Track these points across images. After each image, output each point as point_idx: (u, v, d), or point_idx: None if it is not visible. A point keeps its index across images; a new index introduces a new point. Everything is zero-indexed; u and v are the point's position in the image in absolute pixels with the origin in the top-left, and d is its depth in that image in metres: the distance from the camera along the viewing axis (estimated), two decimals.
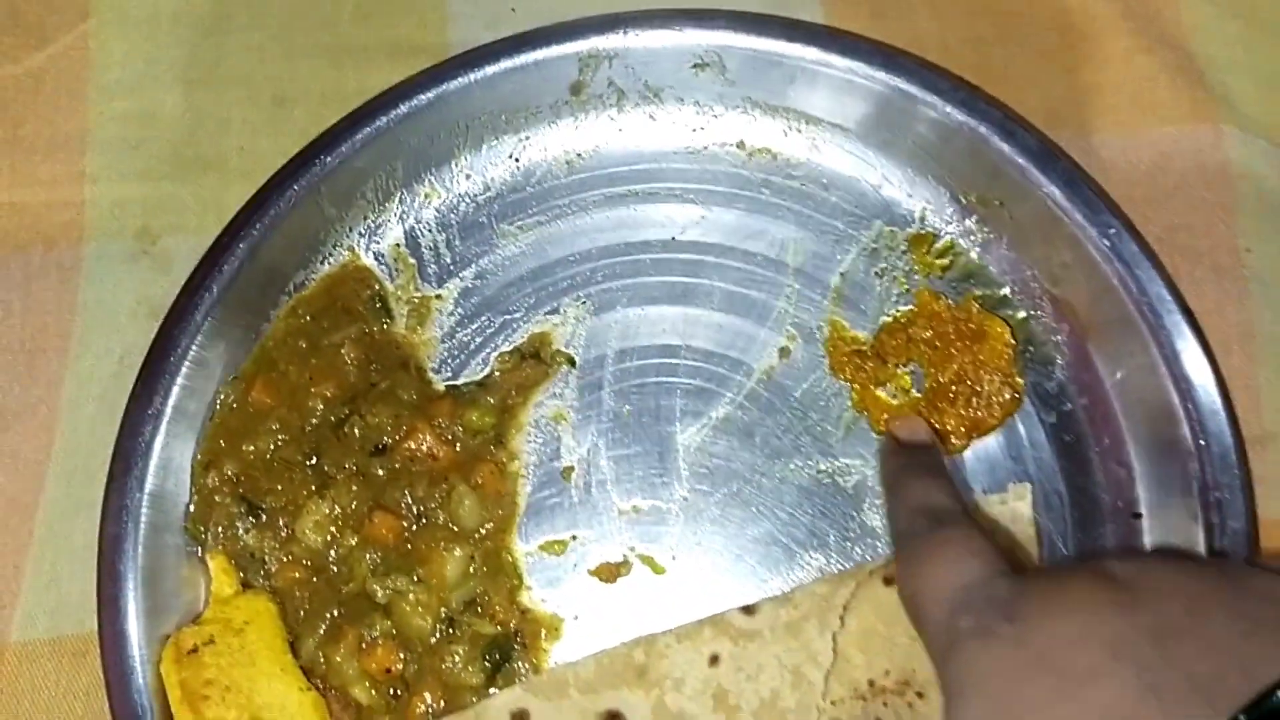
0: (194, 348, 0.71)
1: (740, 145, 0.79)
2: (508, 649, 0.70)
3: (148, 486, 0.69)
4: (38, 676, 0.71)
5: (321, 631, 0.69)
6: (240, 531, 0.71)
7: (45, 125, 0.82)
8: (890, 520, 0.67)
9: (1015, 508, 0.70)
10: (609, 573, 0.72)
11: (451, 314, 0.77)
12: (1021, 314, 0.75)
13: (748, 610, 0.69)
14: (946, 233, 0.77)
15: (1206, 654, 0.48)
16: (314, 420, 0.73)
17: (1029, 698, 0.50)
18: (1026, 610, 0.53)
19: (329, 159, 0.74)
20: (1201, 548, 0.67)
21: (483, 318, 0.77)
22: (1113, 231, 0.71)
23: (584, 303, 0.77)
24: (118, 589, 0.68)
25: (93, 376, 0.77)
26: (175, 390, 0.71)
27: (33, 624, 0.72)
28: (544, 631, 0.71)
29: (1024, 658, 0.51)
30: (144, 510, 0.69)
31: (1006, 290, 0.76)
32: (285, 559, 0.71)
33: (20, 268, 0.79)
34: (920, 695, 0.66)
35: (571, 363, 0.76)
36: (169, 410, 0.70)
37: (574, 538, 0.72)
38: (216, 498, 0.71)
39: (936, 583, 0.58)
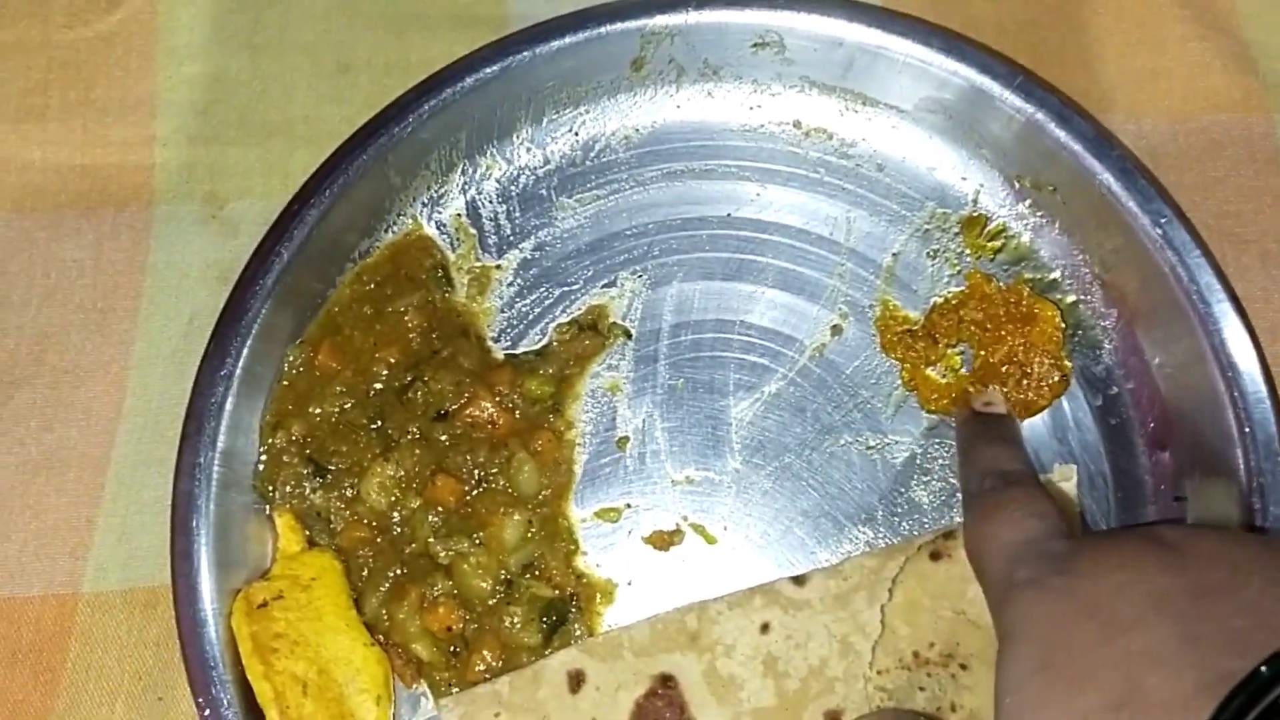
0: (263, 312, 0.72)
1: (796, 124, 0.80)
2: (564, 611, 0.71)
3: (219, 445, 0.71)
4: (110, 626, 0.74)
5: (384, 589, 0.71)
6: (307, 491, 0.72)
7: (116, 88, 0.84)
8: (962, 481, 0.70)
9: (1060, 488, 0.71)
10: (662, 541, 0.73)
11: (511, 284, 0.78)
12: (1071, 298, 0.76)
13: (798, 580, 0.70)
14: (999, 216, 0.78)
15: (1242, 612, 0.51)
16: (378, 385, 0.75)
17: (1075, 642, 0.53)
18: (1078, 565, 0.56)
19: (397, 129, 0.75)
20: None
21: (541, 289, 0.78)
22: (1164, 220, 0.71)
23: (641, 276, 0.78)
24: (190, 543, 0.69)
25: (163, 336, 0.79)
26: (245, 353, 0.72)
27: (105, 576, 0.74)
28: (598, 596, 0.72)
29: (1073, 606, 0.55)
30: (215, 468, 0.70)
31: (1057, 274, 0.76)
32: (350, 518, 0.72)
33: (92, 229, 0.81)
34: (964, 667, 0.68)
35: (628, 335, 0.77)
36: (239, 372, 0.72)
37: (628, 506, 0.74)
38: (284, 458, 0.73)
39: (999, 537, 0.61)
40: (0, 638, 0.73)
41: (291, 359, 0.75)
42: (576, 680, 0.69)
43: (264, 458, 0.73)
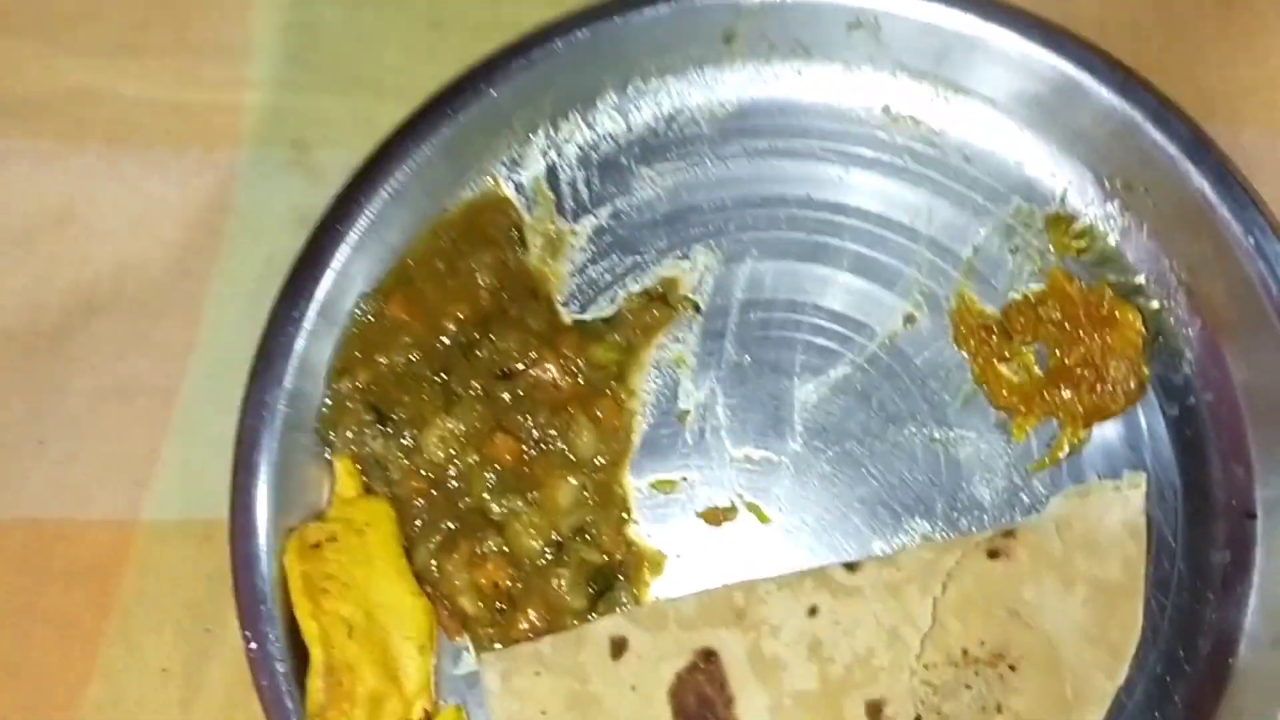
0: (340, 259, 0.73)
1: (885, 110, 0.79)
2: (611, 578, 0.71)
3: (286, 385, 0.71)
4: (165, 555, 0.75)
5: (436, 542, 0.71)
6: (368, 438, 0.73)
7: (211, 30, 0.84)
8: None
9: (1128, 496, 0.70)
10: (715, 517, 0.73)
11: (584, 250, 0.78)
12: (1155, 304, 0.74)
13: (850, 567, 0.70)
14: (1086, 215, 0.76)
15: None
16: (445, 339, 0.75)
17: None
18: None
19: (483, 88, 0.75)
20: None
21: (614, 256, 0.77)
22: (1258, 229, 0.70)
23: (715, 251, 0.77)
24: (250, 479, 0.70)
25: (240, 276, 0.79)
26: (319, 297, 0.73)
27: (165, 506, 0.76)
28: (647, 566, 0.72)
29: None
30: (280, 408, 0.71)
31: (1141, 278, 0.75)
32: (408, 468, 0.72)
33: (179, 166, 0.82)
34: (1012, 668, 0.68)
35: (697, 309, 0.76)
36: (312, 315, 0.72)
37: (684, 479, 0.74)
38: (348, 404, 0.73)
39: None
40: (58, 557, 0.75)
41: (363, 308, 0.75)
42: (619, 647, 0.69)
43: (329, 402, 0.74)
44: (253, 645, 0.68)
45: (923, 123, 0.79)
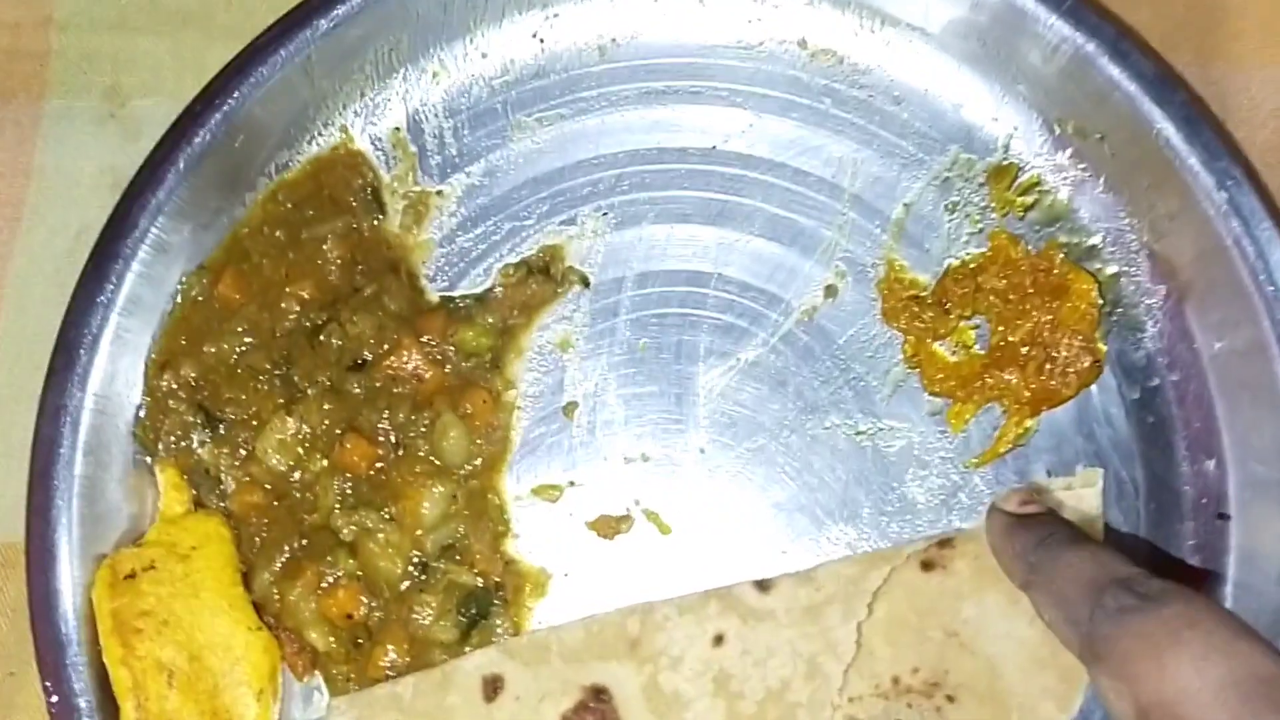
0: (155, 229, 0.66)
1: (801, 44, 0.71)
2: (486, 604, 0.65)
3: (92, 385, 0.65)
4: None
5: (278, 565, 0.65)
6: (195, 443, 0.66)
7: None
8: (1055, 613, 0.55)
9: (1081, 494, 0.63)
10: (608, 527, 0.67)
11: (453, 215, 0.71)
12: (1112, 269, 0.68)
13: (762, 586, 0.64)
14: (1033, 166, 0.70)
15: None
16: (287, 324, 0.68)
17: None
18: None
19: (324, 22, 0.67)
20: None
21: (488, 222, 0.70)
22: (1231, 183, 0.64)
23: (605, 214, 0.70)
24: (49, 498, 0.63)
25: (45, 252, 0.73)
26: (130, 276, 0.66)
27: None
28: (528, 587, 0.66)
29: None
30: (86, 411, 0.64)
31: (1097, 240, 0.69)
32: (243, 479, 0.66)
33: None
34: (950, 699, 0.62)
35: (585, 283, 0.70)
36: (122, 299, 0.66)
37: (571, 484, 0.68)
38: (171, 403, 0.67)
39: (1205, 679, 0.46)
40: None
41: (187, 287, 0.68)
42: (493, 686, 0.63)
43: (147, 401, 0.67)
44: (54, 699, 0.62)
45: (845, 59, 0.71)
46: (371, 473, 0.65)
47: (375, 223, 0.69)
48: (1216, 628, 0.48)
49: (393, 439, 0.66)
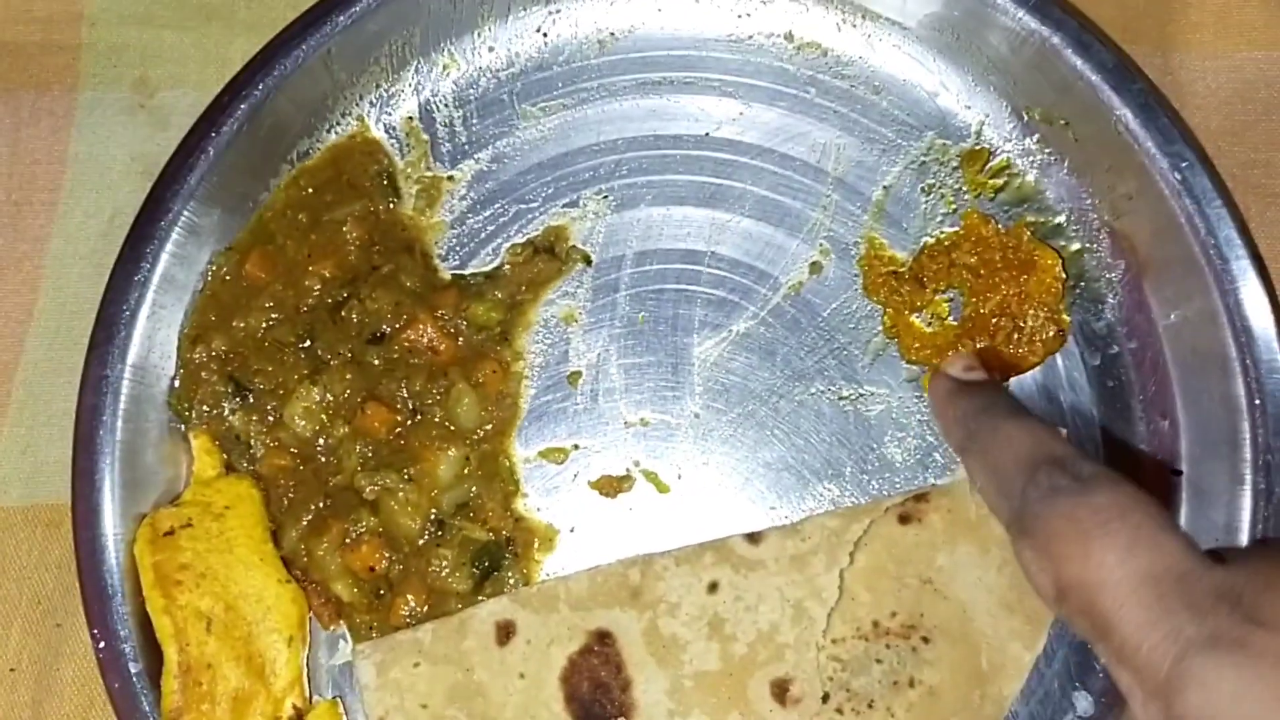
0: (186, 212, 0.68)
1: (788, 37, 0.73)
2: (498, 557, 0.67)
3: (130, 357, 0.66)
4: (9, 545, 0.69)
5: (305, 523, 0.67)
6: (226, 412, 0.68)
7: None
8: (988, 481, 0.55)
9: None
10: (610, 486, 0.69)
11: (463, 198, 0.72)
12: (1075, 246, 0.70)
13: (752, 538, 0.66)
14: (1003, 151, 0.72)
15: None
16: (310, 300, 0.69)
17: None
18: (1275, 609, 0.44)
19: (342, 18, 0.69)
20: (1246, 512, 0.63)
21: (496, 205, 0.72)
22: (1185, 165, 0.66)
23: (606, 197, 0.72)
24: (93, 462, 0.65)
25: (81, 234, 0.74)
26: (164, 257, 0.67)
27: (6, 491, 0.70)
28: (537, 542, 0.68)
29: None
30: (125, 382, 0.66)
31: (1062, 219, 0.71)
32: (271, 444, 0.68)
33: (10, 112, 0.75)
34: (926, 640, 0.64)
35: (587, 261, 0.71)
36: (156, 278, 0.67)
37: (576, 447, 0.69)
38: (203, 374, 0.68)
39: (1125, 569, 0.46)
40: None
41: (217, 267, 0.70)
42: (506, 632, 0.65)
43: (181, 373, 0.68)
44: (101, 645, 0.63)
45: (829, 51, 0.73)
46: (391, 437, 0.67)
47: (391, 206, 0.71)
48: (1144, 520, 0.47)
49: (410, 406, 0.67)
